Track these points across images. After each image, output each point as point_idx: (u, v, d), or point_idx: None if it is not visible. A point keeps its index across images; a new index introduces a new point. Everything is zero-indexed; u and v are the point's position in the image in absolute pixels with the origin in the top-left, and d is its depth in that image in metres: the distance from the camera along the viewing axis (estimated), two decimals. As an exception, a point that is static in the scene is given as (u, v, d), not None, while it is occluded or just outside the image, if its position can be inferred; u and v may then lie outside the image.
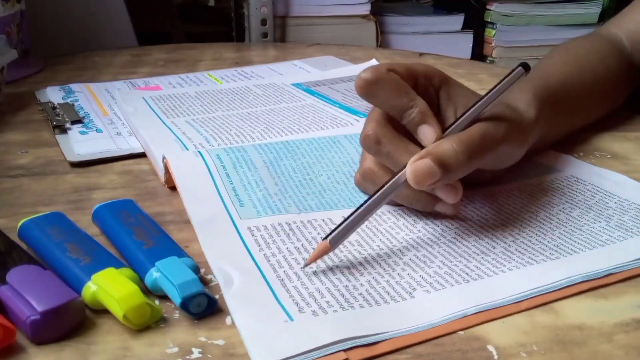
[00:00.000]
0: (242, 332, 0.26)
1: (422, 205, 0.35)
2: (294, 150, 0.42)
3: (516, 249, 0.32)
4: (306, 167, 0.40)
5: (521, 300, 0.28)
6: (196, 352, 0.25)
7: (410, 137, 0.34)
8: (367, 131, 0.34)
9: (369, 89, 0.34)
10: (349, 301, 0.28)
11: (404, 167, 0.32)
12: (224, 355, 0.25)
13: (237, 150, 0.42)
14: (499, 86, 0.35)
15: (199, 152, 0.41)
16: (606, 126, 0.51)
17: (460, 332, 0.26)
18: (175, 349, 0.25)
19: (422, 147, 0.34)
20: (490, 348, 0.25)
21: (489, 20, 1.16)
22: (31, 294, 0.26)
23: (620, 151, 0.46)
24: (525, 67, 0.36)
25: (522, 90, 0.41)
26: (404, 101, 0.34)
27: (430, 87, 0.36)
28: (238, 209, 0.35)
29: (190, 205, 0.35)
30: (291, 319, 0.26)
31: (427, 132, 0.33)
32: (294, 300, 0.28)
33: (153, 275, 0.28)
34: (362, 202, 0.37)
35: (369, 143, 0.34)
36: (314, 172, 0.40)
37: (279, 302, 0.27)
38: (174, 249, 0.30)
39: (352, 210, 0.33)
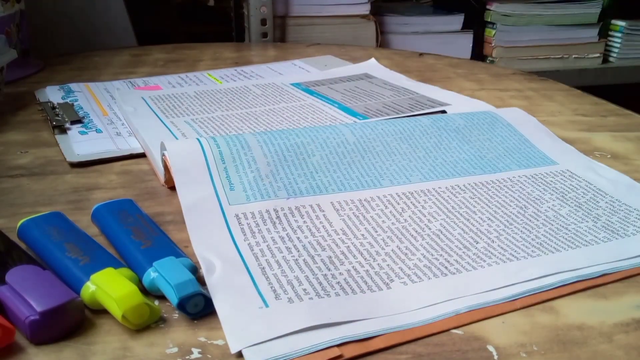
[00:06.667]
0: (221, 318, 0.26)
1: None
2: (288, 132, 0.42)
3: (499, 245, 0.32)
4: (300, 147, 0.40)
5: (516, 299, 0.28)
6: (196, 352, 0.25)
7: None
8: None
9: None
10: (325, 289, 0.28)
11: None
12: (224, 355, 0.25)
13: (235, 136, 0.42)
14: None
15: (197, 139, 0.41)
16: (606, 126, 0.51)
17: (460, 332, 0.26)
18: (175, 349, 0.25)
19: None
20: (490, 348, 0.25)
21: (489, 20, 1.16)
22: (30, 294, 0.26)
23: (620, 151, 0.46)
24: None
25: None
26: None
27: None
28: (228, 193, 0.35)
29: (182, 187, 0.35)
30: (267, 305, 0.27)
31: None
32: (272, 287, 0.28)
33: (150, 275, 0.28)
34: (351, 182, 0.37)
35: None
36: (307, 151, 0.40)
37: (257, 289, 0.28)
38: (172, 249, 0.30)
39: (341, 193, 0.34)
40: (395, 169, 0.39)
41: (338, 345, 0.25)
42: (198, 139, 0.40)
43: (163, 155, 0.39)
